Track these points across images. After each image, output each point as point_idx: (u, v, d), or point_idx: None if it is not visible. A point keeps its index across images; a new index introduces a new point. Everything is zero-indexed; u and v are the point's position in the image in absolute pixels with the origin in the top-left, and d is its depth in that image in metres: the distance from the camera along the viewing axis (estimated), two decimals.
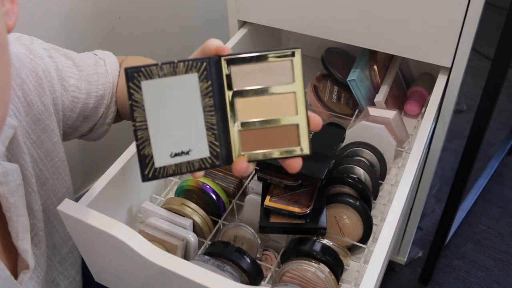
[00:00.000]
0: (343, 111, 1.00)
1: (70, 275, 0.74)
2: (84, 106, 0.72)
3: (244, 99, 0.52)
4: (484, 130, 1.04)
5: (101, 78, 0.74)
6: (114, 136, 1.20)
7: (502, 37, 0.89)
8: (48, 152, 0.66)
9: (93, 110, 0.74)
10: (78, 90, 0.70)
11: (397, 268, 1.46)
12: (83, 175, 1.24)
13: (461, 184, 1.17)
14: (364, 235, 0.75)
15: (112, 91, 0.76)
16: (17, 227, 0.59)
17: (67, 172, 0.70)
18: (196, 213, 0.73)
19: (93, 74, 0.73)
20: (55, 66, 0.67)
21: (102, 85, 0.74)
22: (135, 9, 1.20)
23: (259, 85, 0.52)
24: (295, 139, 0.52)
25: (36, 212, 0.63)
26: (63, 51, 0.71)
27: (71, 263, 0.74)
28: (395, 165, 0.87)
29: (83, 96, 0.71)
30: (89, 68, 0.73)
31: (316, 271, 0.65)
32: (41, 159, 0.65)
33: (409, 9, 0.84)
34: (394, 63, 1.04)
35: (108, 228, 0.60)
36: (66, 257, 0.73)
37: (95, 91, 0.73)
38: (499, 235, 1.55)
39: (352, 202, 0.74)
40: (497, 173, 1.72)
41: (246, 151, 0.52)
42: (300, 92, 0.52)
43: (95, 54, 0.77)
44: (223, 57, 0.51)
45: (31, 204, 0.62)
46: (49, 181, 0.67)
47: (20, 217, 0.59)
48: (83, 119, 0.74)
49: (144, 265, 0.59)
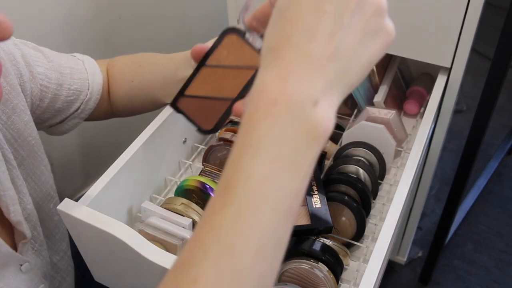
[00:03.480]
0: (342, 111, 1.00)
1: (60, 250, 0.76)
2: (55, 97, 0.72)
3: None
4: (484, 130, 1.05)
5: (76, 72, 0.74)
6: (114, 136, 1.20)
7: (502, 37, 0.89)
8: (21, 132, 0.66)
9: (67, 103, 0.74)
10: (48, 79, 0.70)
11: (397, 268, 1.46)
12: (83, 175, 1.24)
13: (460, 184, 1.17)
14: (357, 233, 0.75)
15: (92, 88, 0.75)
16: (6, 201, 0.60)
17: (42, 150, 0.71)
18: (196, 212, 0.73)
19: (65, 67, 0.73)
20: (21, 53, 0.67)
21: (78, 79, 0.74)
22: (135, 9, 1.20)
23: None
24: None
25: (20, 187, 0.64)
26: (32, 45, 0.71)
27: (59, 238, 0.75)
28: (394, 165, 0.87)
29: (53, 86, 0.71)
30: (61, 62, 0.73)
31: (315, 270, 0.65)
32: (15, 139, 0.65)
33: (409, 9, 0.84)
34: (393, 63, 1.04)
35: (108, 228, 0.60)
36: (53, 232, 0.74)
37: (68, 83, 0.73)
38: (499, 235, 1.55)
39: (347, 200, 0.74)
40: (497, 173, 1.72)
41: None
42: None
43: (73, 55, 0.77)
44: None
45: (14, 180, 0.63)
46: (26, 160, 0.67)
47: (6, 191, 0.60)
48: (55, 111, 0.74)
49: (144, 265, 0.59)
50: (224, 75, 0.54)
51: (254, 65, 0.54)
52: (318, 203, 0.71)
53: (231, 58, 0.54)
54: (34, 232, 0.68)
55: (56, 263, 0.75)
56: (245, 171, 0.33)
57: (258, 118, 0.34)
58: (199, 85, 0.55)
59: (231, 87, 0.54)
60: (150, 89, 0.76)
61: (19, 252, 0.63)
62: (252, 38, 0.54)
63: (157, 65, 0.76)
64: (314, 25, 0.34)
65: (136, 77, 0.77)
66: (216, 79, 0.54)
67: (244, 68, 0.54)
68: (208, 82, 0.54)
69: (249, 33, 0.53)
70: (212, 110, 0.55)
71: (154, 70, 0.76)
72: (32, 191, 0.69)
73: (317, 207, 0.70)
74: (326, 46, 0.34)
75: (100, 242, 0.63)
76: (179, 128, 0.82)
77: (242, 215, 0.33)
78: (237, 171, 0.33)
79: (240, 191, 0.33)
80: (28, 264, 0.64)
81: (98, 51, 0.86)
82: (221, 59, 0.54)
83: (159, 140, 0.77)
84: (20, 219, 0.62)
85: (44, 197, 0.72)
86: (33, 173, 0.69)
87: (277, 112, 0.33)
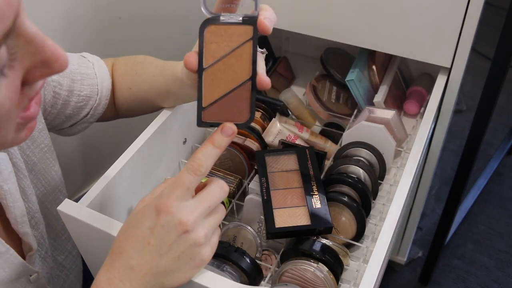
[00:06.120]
0: (342, 111, 1.00)
1: (65, 250, 0.77)
2: (66, 103, 0.72)
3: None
4: (484, 130, 1.05)
5: (87, 78, 0.74)
6: (114, 136, 1.20)
7: (502, 37, 0.89)
8: (34, 139, 0.67)
9: (76, 109, 0.74)
10: (60, 86, 0.70)
11: (397, 268, 1.46)
12: (83, 175, 1.24)
13: (461, 184, 1.17)
14: (357, 234, 0.75)
15: (101, 94, 0.76)
16: (14, 213, 0.61)
17: (54, 157, 0.71)
18: None
19: (76, 73, 0.73)
20: None
21: (88, 85, 0.74)
22: (135, 9, 1.20)
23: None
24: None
25: (29, 196, 0.65)
26: None
27: (65, 239, 0.76)
28: (394, 165, 0.87)
29: (65, 93, 0.71)
30: (73, 67, 0.73)
31: (315, 270, 0.65)
32: (28, 146, 0.66)
33: (409, 9, 0.84)
34: (393, 63, 1.04)
35: (108, 228, 0.60)
36: (60, 234, 0.75)
37: (79, 89, 0.73)
38: (499, 235, 1.55)
39: (346, 201, 0.74)
40: (497, 173, 1.72)
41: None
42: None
43: (83, 57, 0.77)
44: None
45: (24, 189, 0.64)
46: (37, 166, 0.68)
47: (16, 203, 0.61)
48: (65, 117, 0.74)
49: None
50: (227, 65, 0.53)
51: (247, 37, 0.53)
52: (318, 203, 0.71)
53: (222, 46, 0.53)
54: (41, 240, 0.68)
55: (61, 262, 0.76)
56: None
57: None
58: (211, 90, 0.53)
59: (240, 70, 0.53)
60: (146, 98, 0.76)
61: (28, 262, 0.64)
62: (227, 16, 0.53)
63: (149, 76, 0.75)
64: (140, 249, 0.51)
65: (133, 86, 0.77)
66: (223, 73, 0.53)
67: (240, 46, 0.53)
68: (217, 81, 0.53)
69: (221, 15, 0.52)
70: (238, 101, 0.53)
71: (147, 81, 0.75)
72: (41, 195, 0.70)
73: (317, 207, 0.70)
74: (144, 265, 0.50)
75: (100, 242, 0.63)
76: (179, 128, 0.82)
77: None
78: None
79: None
80: (36, 275, 0.65)
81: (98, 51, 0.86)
82: (215, 53, 0.53)
83: (159, 140, 0.77)
84: (27, 231, 0.63)
85: (53, 201, 0.72)
86: (44, 178, 0.70)
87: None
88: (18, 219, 0.61)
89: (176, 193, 0.50)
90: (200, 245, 0.51)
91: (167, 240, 0.50)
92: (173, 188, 0.51)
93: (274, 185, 0.74)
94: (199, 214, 0.51)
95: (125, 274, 0.50)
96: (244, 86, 0.53)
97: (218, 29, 0.53)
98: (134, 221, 0.52)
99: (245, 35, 0.53)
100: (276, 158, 0.78)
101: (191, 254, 0.51)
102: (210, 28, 0.53)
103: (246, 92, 0.53)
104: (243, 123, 0.53)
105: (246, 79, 0.53)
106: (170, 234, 0.50)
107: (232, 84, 0.53)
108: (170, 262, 0.51)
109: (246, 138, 0.84)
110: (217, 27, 0.53)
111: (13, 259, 0.60)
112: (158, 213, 0.50)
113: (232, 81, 0.53)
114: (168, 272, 0.51)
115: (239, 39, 0.53)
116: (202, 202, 0.51)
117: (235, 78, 0.53)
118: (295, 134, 0.88)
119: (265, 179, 0.75)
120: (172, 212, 0.50)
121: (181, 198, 0.50)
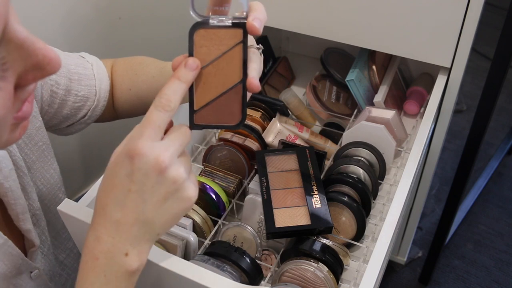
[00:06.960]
0: (342, 111, 1.00)
1: (66, 248, 0.77)
2: (63, 102, 0.72)
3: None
4: (484, 130, 1.05)
5: (84, 79, 0.74)
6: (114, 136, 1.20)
7: (502, 37, 0.89)
8: (32, 137, 0.67)
9: (74, 110, 0.74)
10: (57, 85, 0.70)
11: (397, 268, 1.46)
12: (83, 175, 1.24)
13: (461, 184, 1.17)
14: (357, 234, 0.75)
15: (99, 95, 0.75)
16: (16, 210, 0.61)
17: (52, 155, 0.71)
18: (196, 212, 0.73)
19: (74, 73, 0.73)
20: None
21: (86, 86, 0.74)
22: (135, 9, 1.20)
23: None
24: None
25: (30, 193, 0.65)
26: None
27: (66, 237, 0.76)
28: (394, 165, 0.87)
29: (62, 92, 0.71)
30: (71, 66, 0.73)
31: (315, 270, 0.65)
32: (26, 144, 0.66)
33: (409, 9, 0.84)
34: (393, 63, 1.04)
35: None
36: (60, 232, 0.75)
37: (76, 89, 0.73)
38: (499, 235, 1.55)
39: (346, 201, 0.74)
40: (497, 173, 1.72)
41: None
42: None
43: (82, 57, 0.77)
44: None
45: (24, 187, 0.64)
46: (35, 164, 0.68)
47: (17, 200, 0.61)
48: (63, 118, 0.74)
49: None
50: (218, 69, 0.53)
51: (237, 40, 0.53)
52: (318, 203, 0.71)
53: (213, 50, 0.53)
54: (43, 237, 0.69)
55: (63, 261, 0.76)
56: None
57: (87, 270, 0.48)
58: (203, 93, 0.53)
59: (231, 73, 0.53)
60: (147, 98, 0.76)
61: (29, 258, 0.64)
62: (217, 19, 0.53)
63: (149, 77, 0.75)
64: (122, 200, 0.48)
65: (133, 87, 0.77)
66: (214, 77, 0.53)
67: (231, 49, 0.53)
68: (208, 84, 0.53)
69: (211, 18, 0.52)
70: (230, 104, 0.54)
71: (147, 81, 0.75)
72: (41, 193, 0.70)
73: (317, 207, 0.70)
74: (130, 215, 0.48)
75: None
76: None
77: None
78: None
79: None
80: (37, 271, 0.65)
81: (98, 51, 0.86)
82: (205, 57, 0.53)
83: None
84: (29, 227, 0.63)
85: (53, 199, 0.72)
86: (43, 176, 0.70)
87: (99, 265, 0.48)
88: (20, 216, 0.61)
89: (147, 133, 0.47)
90: (183, 181, 0.48)
91: (147, 183, 0.47)
92: (143, 128, 0.48)
93: (274, 185, 0.74)
94: (174, 151, 0.48)
95: (112, 228, 0.48)
96: (236, 89, 0.53)
97: (208, 32, 0.53)
98: (110, 173, 0.49)
99: (235, 38, 0.53)
100: (276, 158, 0.78)
101: (176, 193, 0.48)
102: (199, 32, 0.53)
103: (238, 95, 0.53)
104: (235, 125, 0.54)
105: (237, 82, 0.53)
106: (149, 176, 0.47)
107: (224, 87, 0.54)
108: (156, 206, 0.48)
109: (246, 138, 0.84)
110: (206, 30, 0.53)
111: (12, 251, 0.60)
112: (132, 158, 0.47)
113: (224, 84, 0.54)
114: (156, 217, 0.48)
115: (229, 42, 0.53)
116: (173, 141, 0.49)
117: (226, 81, 0.53)
118: (295, 134, 0.88)
119: (265, 179, 0.75)
120: (145, 153, 0.46)
121: (153, 137, 0.47)
